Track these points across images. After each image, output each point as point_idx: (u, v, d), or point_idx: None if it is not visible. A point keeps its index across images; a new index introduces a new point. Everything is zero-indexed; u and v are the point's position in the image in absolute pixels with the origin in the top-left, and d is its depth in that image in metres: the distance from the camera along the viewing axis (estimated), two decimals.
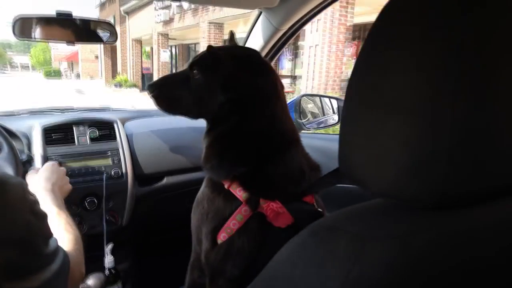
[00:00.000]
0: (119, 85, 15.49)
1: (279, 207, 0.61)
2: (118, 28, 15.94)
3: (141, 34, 14.12)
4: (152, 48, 14.22)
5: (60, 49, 33.95)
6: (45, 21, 0.92)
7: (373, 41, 0.30)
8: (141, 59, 15.85)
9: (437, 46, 0.25)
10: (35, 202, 0.45)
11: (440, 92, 0.25)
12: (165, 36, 12.53)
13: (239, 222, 0.62)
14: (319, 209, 0.67)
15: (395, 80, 0.28)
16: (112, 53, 18.12)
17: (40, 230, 0.44)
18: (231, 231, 0.63)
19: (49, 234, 0.47)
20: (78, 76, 28.65)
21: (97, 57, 25.07)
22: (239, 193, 0.63)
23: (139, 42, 15.49)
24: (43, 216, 0.46)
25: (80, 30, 0.96)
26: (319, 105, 1.36)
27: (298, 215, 0.62)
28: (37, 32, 0.92)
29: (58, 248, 0.47)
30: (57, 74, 29.91)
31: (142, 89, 13.60)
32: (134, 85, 15.06)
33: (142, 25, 13.25)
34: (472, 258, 0.26)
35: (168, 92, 0.75)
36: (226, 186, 0.65)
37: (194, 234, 0.73)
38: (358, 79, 0.32)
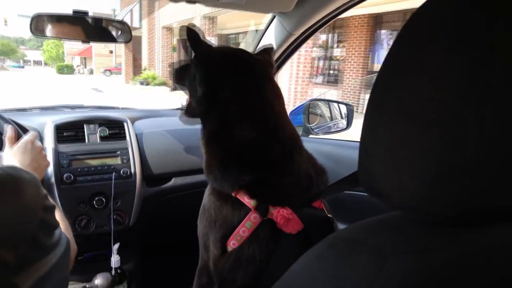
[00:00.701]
0: (145, 82, 13.03)
1: (289, 213, 0.60)
2: (144, 14, 13.83)
3: (175, 20, 11.07)
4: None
5: (72, 44, 31.85)
6: (61, 19, 0.93)
7: (398, 51, 0.30)
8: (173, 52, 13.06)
9: (466, 57, 0.25)
10: (46, 196, 0.45)
11: (466, 104, 0.25)
12: (212, 20, 10.07)
13: (248, 229, 0.61)
14: (329, 215, 0.66)
15: (420, 91, 0.27)
16: (135, 45, 15.05)
17: (50, 224, 0.45)
18: (241, 238, 0.62)
19: (56, 225, 0.47)
20: (91, 71, 27.62)
21: (111, 51, 24.04)
22: (247, 200, 0.62)
23: (170, 30, 12.56)
24: (52, 209, 0.46)
25: (95, 29, 0.97)
26: (328, 110, 1.36)
27: (308, 221, 0.61)
28: (53, 30, 0.93)
29: (61, 235, 0.48)
30: (69, 69, 28.51)
31: (174, 88, 10.94)
32: (164, 83, 12.54)
33: (177, 9, 10.32)
34: (500, 280, 0.25)
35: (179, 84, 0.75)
36: (233, 194, 0.63)
37: (201, 241, 0.71)
38: (382, 89, 0.31)
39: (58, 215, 0.55)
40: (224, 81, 0.65)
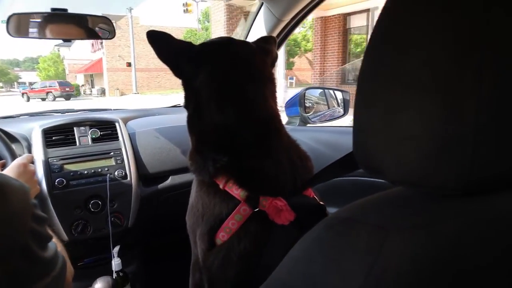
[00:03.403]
0: None
1: (283, 204, 0.58)
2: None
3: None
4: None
5: (76, 59, 26.03)
6: (42, 18, 0.89)
7: (388, 17, 0.28)
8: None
9: (462, 18, 0.23)
10: (36, 206, 0.42)
11: (465, 67, 0.23)
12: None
13: (238, 222, 0.59)
14: (321, 203, 0.64)
15: (415, 57, 0.26)
16: None
17: (42, 235, 0.42)
18: (230, 230, 0.60)
19: (49, 237, 0.44)
20: (103, 92, 21.01)
21: (129, 64, 18.05)
22: (236, 191, 0.60)
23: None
24: (43, 220, 0.43)
25: (77, 27, 0.93)
26: (324, 98, 1.34)
27: (300, 210, 0.59)
28: (33, 29, 0.89)
29: (56, 251, 0.45)
30: (75, 91, 21.77)
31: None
32: None
33: None
34: (506, 248, 0.24)
35: None
36: (221, 186, 0.62)
37: (191, 237, 0.70)
38: (373, 57, 0.29)
39: (51, 235, 0.53)
40: (197, 69, 0.65)
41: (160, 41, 0.64)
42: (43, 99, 18.78)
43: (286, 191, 0.61)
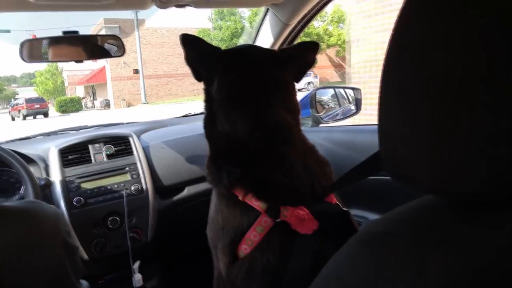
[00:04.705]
0: None
1: (305, 213, 0.57)
2: None
3: None
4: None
5: (76, 69, 23.48)
6: (53, 42, 0.91)
7: (409, 16, 0.27)
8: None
9: (493, 14, 0.22)
10: (68, 233, 0.42)
11: (494, 66, 0.22)
12: None
13: (260, 234, 0.58)
14: (345, 209, 0.62)
15: (440, 58, 0.24)
16: None
17: (77, 264, 0.42)
18: (252, 242, 0.58)
19: (80, 270, 0.44)
20: (107, 104, 18.84)
21: (136, 71, 16.37)
22: (256, 203, 0.59)
23: None
24: (75, 250, 0.43)
25: (88, 47, 0.95)
26: (335, 96, 1.32)
27: (323, 218, 0.58)
28: (46, 53, 0.91)
29: None
30: (76, 105, 19.74)
31: None
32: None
33: None
34: None
35: None
36: (240, 198, 0.60)
37: (212, 251, 0.69)
38: (395, 62, 0.28)
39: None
40: (211, 75, 0.65)
41: (189, 44, 0.65)
42: (13, 119, 17.10)
43: (306, 199, 0.59)
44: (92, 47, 0.95)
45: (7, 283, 0.36)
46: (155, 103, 17.09)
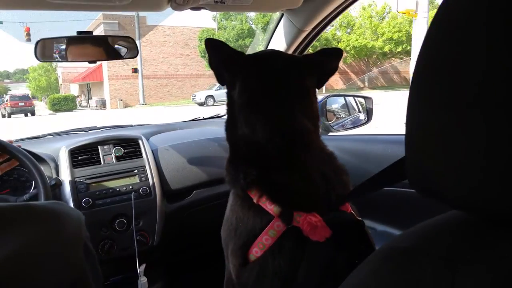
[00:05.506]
0: None
1: (317, 220, 0.56)
2: None
3: None
4: None
5: (69, 66, 22.25)
6: (67, 42, 0.91)
7: (440, 30, 0.26)
8: None
9: None
10: (88, 238, 0.42)
11: None
12: None
13: (272, 237, 0.58)
14: (359, 218, 0.62)
15: (475, 71, 0.23)
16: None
17: (92, 272, 0.41)
18: (263, 246, 0.58)
19: (100, 278, 0.43)
20: (103, 104, 17.94)
21: (135, 70, 15.22)
22: (270, 207, 0.59)
23: None
24: (94, 256, 0.43)
25: (102, 48, 0.94)
26: (345, 104, 1.31)
27: (336, 226, 0.57)
28: (58, 53, 0.91)
29: None
30: (70, 103, 18.60)
31: None
32: None
33: None
34: None
35: None
36: (255, 201, 0.61)
37: (225, 252, 0.69)
38: (426, 72, 0.27)
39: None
40: (234, 79, 0.66)
41: (214, 49, 0.66)
42: (3, 116, 16.58)
43: (321, 206, 0.59)
44: (106, 48, 0.95)
45: (28, 278, 0.36)
46: (153, 105, 16.13)
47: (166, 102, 17.00)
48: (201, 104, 14.32)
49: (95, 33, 0.97)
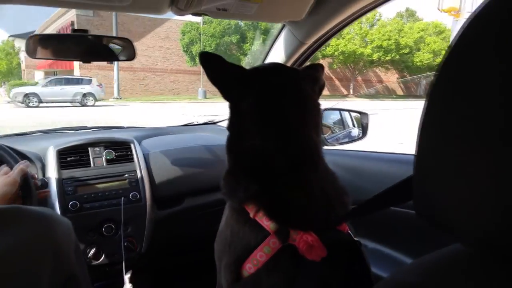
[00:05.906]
0: None
1: (314, 239, 0.56)
2: None
3: None
4: None
5: None
6: (61, 39, 0.87)
7: (458, 56, 0.25)
8: None
9: None
10: (78, 246, 0.43)
11: None
12: None
13: (266, 254, 0.57)
14: (356, 239, 0.62)
15: (489, 100, 0.22)
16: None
17: (83, 273, 0.43)
18: (257, 262, 0.58)
19: (89, 279, 0.44)
20: None
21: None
22: (266, 223, 0.58)
23: None
24: (84, 263, 0.44)
25: (97, 48, 0.91)
26: (341, 119, 1.31)
27: (332, 246, 0.57)
28: (51, 51, 0.88)
29: None
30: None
31: None
32: None
33: None
34: None
35: None
36: (251, 215, 0.60)
37: (217, 265, 0.69)
38: (442, 98, 0.26)
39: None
40: (245, 92, 0.65)
41: (213, 63, 0.66)
42: None
43: (318, 225, 0.59)
44: (102, 48, 0.92)
45: (19, 277, 0.37)
46: (129, 99, 14.33)
47: (143, 97, 15.49)
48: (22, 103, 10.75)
49: (65, 17, 0.93)
